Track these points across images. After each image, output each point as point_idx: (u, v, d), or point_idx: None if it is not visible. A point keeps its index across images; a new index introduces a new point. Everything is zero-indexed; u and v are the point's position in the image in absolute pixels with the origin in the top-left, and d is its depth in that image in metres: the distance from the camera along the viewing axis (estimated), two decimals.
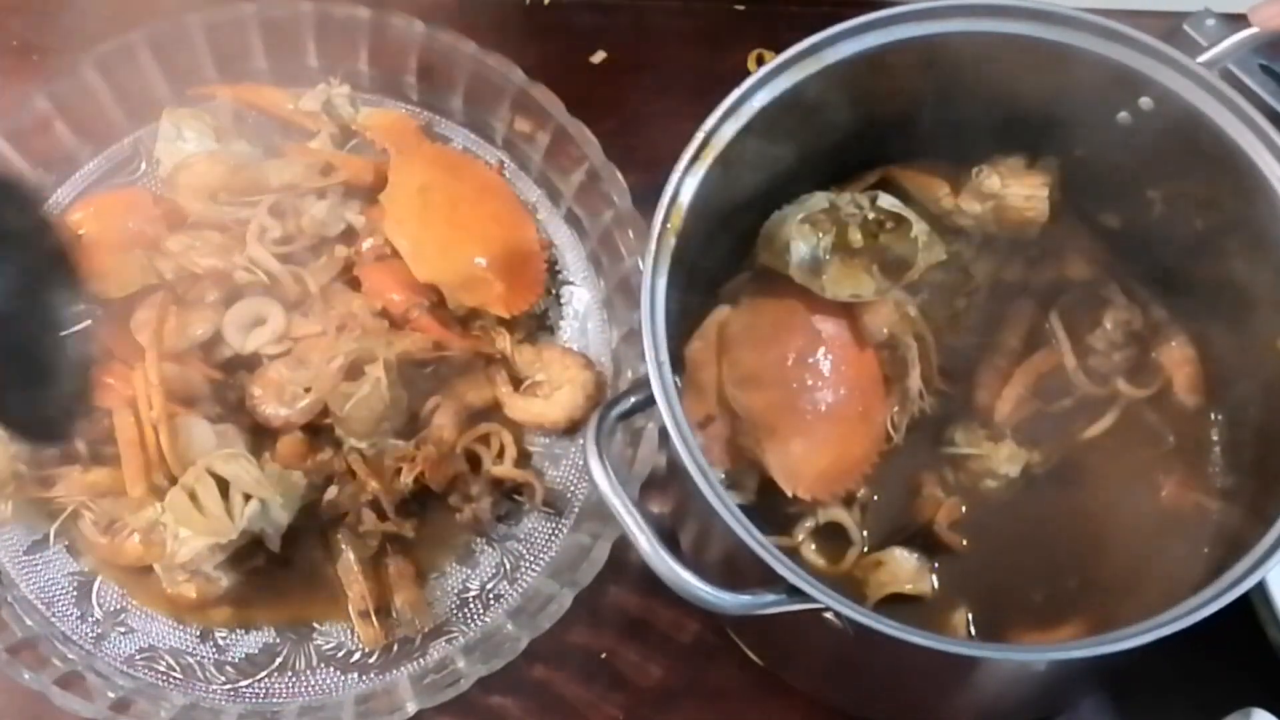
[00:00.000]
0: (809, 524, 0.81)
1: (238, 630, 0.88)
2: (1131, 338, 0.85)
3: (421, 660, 0.88)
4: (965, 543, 0.81)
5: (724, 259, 0.84)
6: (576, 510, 0.92)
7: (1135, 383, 0.85)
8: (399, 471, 0.89)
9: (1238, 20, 0.78)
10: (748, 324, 0.81)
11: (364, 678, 0.88)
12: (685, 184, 0.74)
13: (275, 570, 0.89)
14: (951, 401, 0.85)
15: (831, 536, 0.81)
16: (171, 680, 0.87)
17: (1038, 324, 0.87)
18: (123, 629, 0.88)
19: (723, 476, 0.79)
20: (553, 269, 0.99)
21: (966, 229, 0.85)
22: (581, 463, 0.93)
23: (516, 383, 0.94)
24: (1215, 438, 0.84)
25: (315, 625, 0.89)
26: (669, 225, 0.74)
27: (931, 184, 0.85)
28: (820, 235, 0.81)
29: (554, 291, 0.99)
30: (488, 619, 0.89)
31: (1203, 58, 0.76)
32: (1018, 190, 0.83)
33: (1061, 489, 0.83)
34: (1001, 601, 0.80)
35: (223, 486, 0.85)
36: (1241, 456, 0.82)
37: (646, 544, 0.67)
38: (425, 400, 0.92)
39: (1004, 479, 0.83)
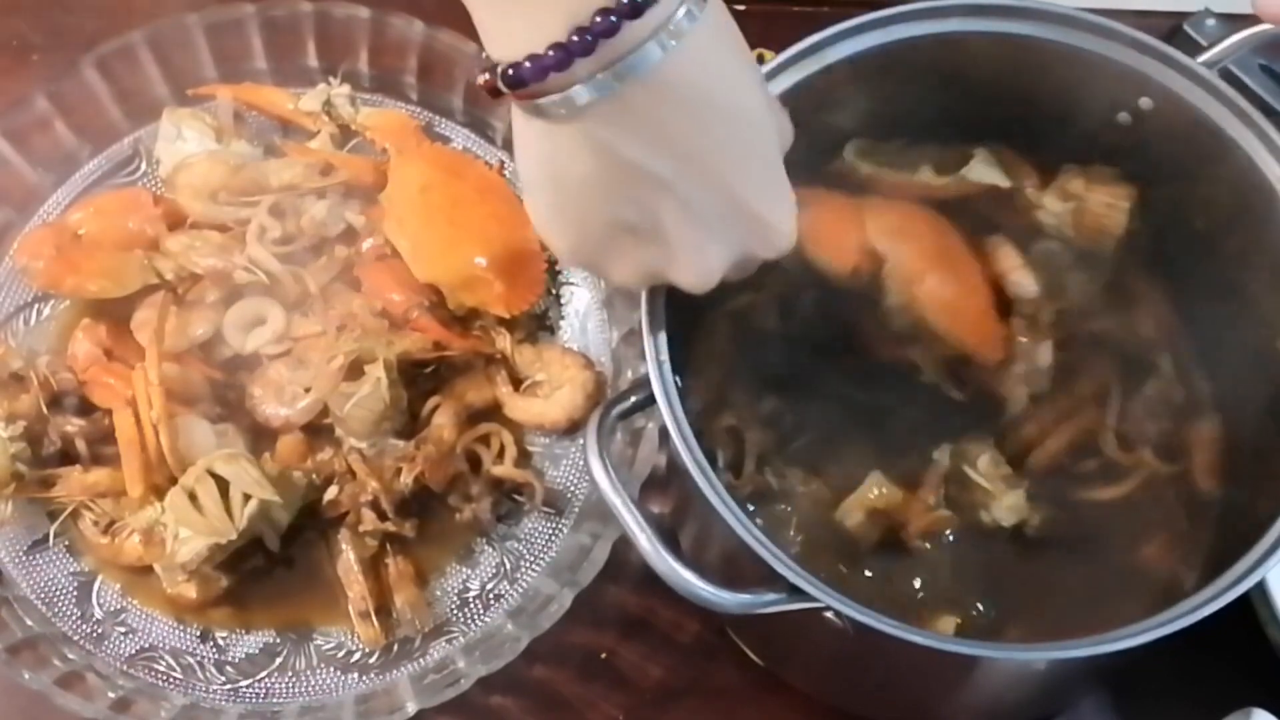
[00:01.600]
0: None
1: (238, 630, 0.88)
2: (1169, 410, 0.83)
3: (421, 660, 0.88)
4: (928, 547, 0.79)
5: None
6: (576, 510, 0.92)
7: (1160, 456, 0.82)
8: (399, 471, 0.89)
9: (1238, 20, 0.78)
10: None
11: (364, 678, 0.87)
12: None
13: (275, 570, 0.89)
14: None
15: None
16: (171, 680, 0.87)
17: (1103, 384, 0.83)
18: (123, 629, 0.88)
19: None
20: (553, 269, 0.99)
21: (1046, 228, 0.84)
22: (581, 463, 0.93)
23: (516, 383, 0.94)
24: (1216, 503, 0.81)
25: (315, 626, 0.89)
26: None
27: (1021, 169, 0.85)
28: None
29: (554, 291, 0.98)
30: (488, 619, 0.89)
31: (1203, 58, 0.76)
32: (1099, 197, 0.82)
33: (1046, 543, 0.80)
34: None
35: (223, 486, 0.85)
36: (1241, 457, 0.82)
37: (647, 543, 0.67)
38: (425, 400, 0.92)
39: (994, 523, 0.80)
